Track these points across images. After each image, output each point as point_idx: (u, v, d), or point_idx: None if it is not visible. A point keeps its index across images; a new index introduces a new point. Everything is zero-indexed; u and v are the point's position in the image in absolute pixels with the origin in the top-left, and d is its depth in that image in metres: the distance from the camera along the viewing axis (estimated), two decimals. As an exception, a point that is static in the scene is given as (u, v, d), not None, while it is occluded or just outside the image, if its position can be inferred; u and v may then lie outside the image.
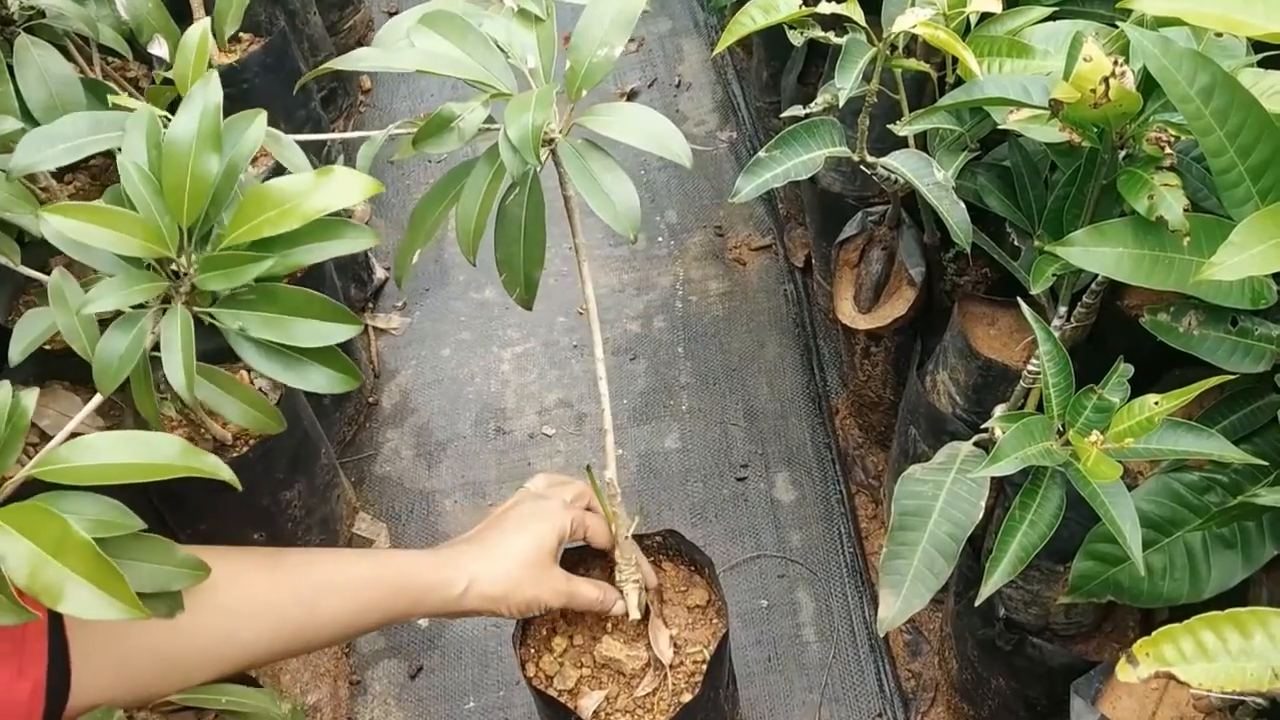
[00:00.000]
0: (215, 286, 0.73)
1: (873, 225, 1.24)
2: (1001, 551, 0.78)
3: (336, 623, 0.82)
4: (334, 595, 0.81)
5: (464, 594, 0.86)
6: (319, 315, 0.78)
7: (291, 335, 0.77)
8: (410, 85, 2.21)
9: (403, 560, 0.88)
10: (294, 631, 0.79)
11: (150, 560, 0.67)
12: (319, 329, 0.78)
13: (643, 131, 0.74)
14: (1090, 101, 0.74)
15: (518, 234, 0.78)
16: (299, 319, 0.78)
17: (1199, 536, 0.86)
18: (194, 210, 0.73)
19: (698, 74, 2.15)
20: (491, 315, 1.76)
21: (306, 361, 0.79)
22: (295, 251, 0.76)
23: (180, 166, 0.73)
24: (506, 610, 0.90)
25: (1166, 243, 0.79)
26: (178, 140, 0.73)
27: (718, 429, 1.57)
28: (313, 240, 0.77)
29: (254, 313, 0.77)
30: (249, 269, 0.72)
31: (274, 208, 0.73)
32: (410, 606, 0.86)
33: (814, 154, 0.96)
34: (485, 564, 0.88)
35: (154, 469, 0.66)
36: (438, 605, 0.87)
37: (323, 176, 0.74)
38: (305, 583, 0.80)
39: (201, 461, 0.67)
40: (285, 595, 0.78)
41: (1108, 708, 0.88)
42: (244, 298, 0.76)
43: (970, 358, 1.09)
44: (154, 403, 0.82)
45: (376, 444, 1.62)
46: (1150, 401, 0.70)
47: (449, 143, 0.75)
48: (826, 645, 1.34)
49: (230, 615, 0.75)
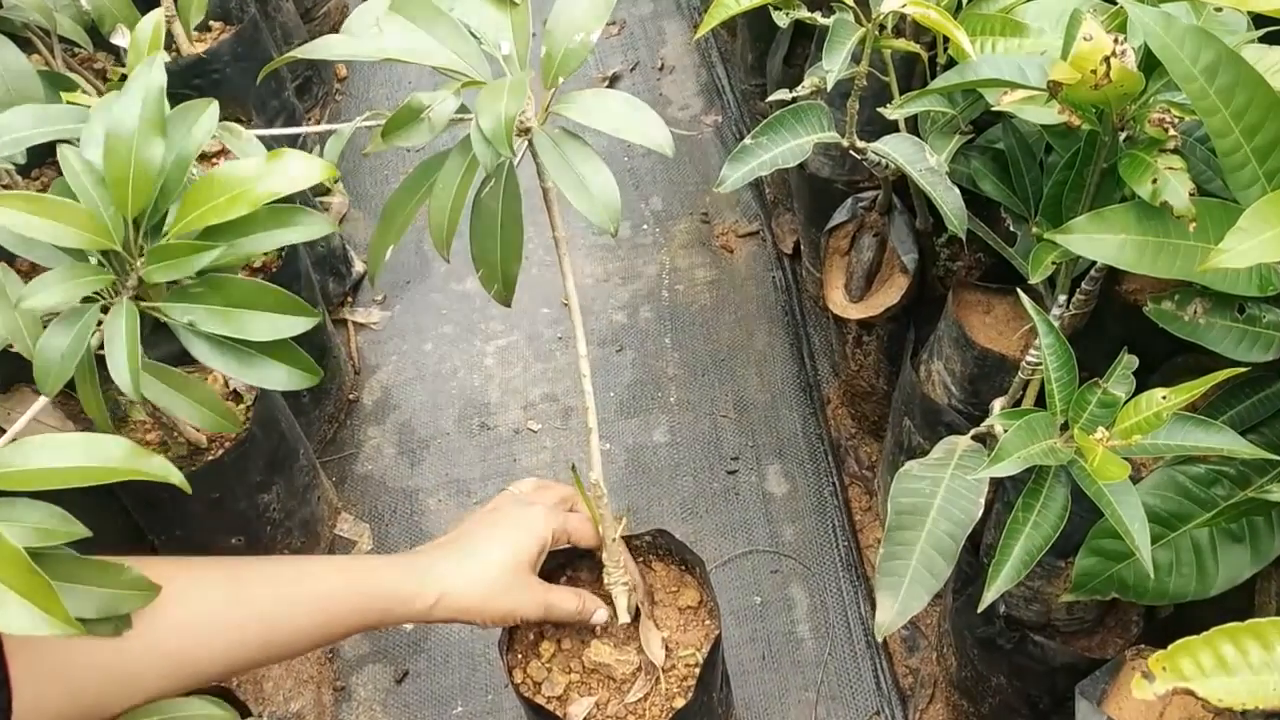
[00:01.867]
0: (161, 278, 0.69)
1: (863, 211, 1.20)
2: (1005, 555, 0.75)
3: (300, 637, 0.78)
4: (298, 609, 0.77)
5: (435, 605, 0.82)
6: (272, 307, 0.75)
7: (243, 329, 0.73)
8: (387, 72, 2.17)
9: (371, 570, 0.84)
10: (255, 648, 0.75)
11: (97, 583, 0.63)
12: (272, 322, 0.74)
13: (622, 120, 0.71)
14: (1091, 82, 0.71)
15: (494, 228, 0.74)
16: (251, 311, 0.74)
17: (1206, 531, 0.83)
18: (140, 200, 0.69)
19: (681, 57, 2.11)
20: (473, 307, 1.72)
21: (261, 357, 0.76)
22: (246, 240, 0.72)
23: (123, 155, 0.69)
24: (481, 620, 0.86)
25: (1171, 228, 0.76)
26: (119, 128, 0.69)
27: (707, 421, 1.54)
28: (265, 228, 0.73)
29: (203, 306, 0.73)
30: (195, 259, 0.68)
31: (222, 194, 0.69)
32: (379, 618, 0.82)
33: (802, 140, 0.93)
34: (459, 574, 0.84)
35: (98, 472, 0.62)
36: (408, 616, 0.83)
37: (273, 160, 0.70)
38: (266, 597, 0.76)
39: (147, 464, 0.63)
40: (244, 612, 0.74)
41: (1114, 709, 0.85)
42: (193, 290, 0.73)
43: (966, 347, 1.06)
44: (101, 404, 0.78)
45: (358, 442, 1.58)
46: (1158, 396, 0.67)
47: (419, 135, 0.72)
48: (822, 642, 1.31)
49: (184, 634, 0.71)
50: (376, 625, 0.83)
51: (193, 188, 0.71)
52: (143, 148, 0.69)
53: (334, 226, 0.74)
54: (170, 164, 0.72)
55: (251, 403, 1.25)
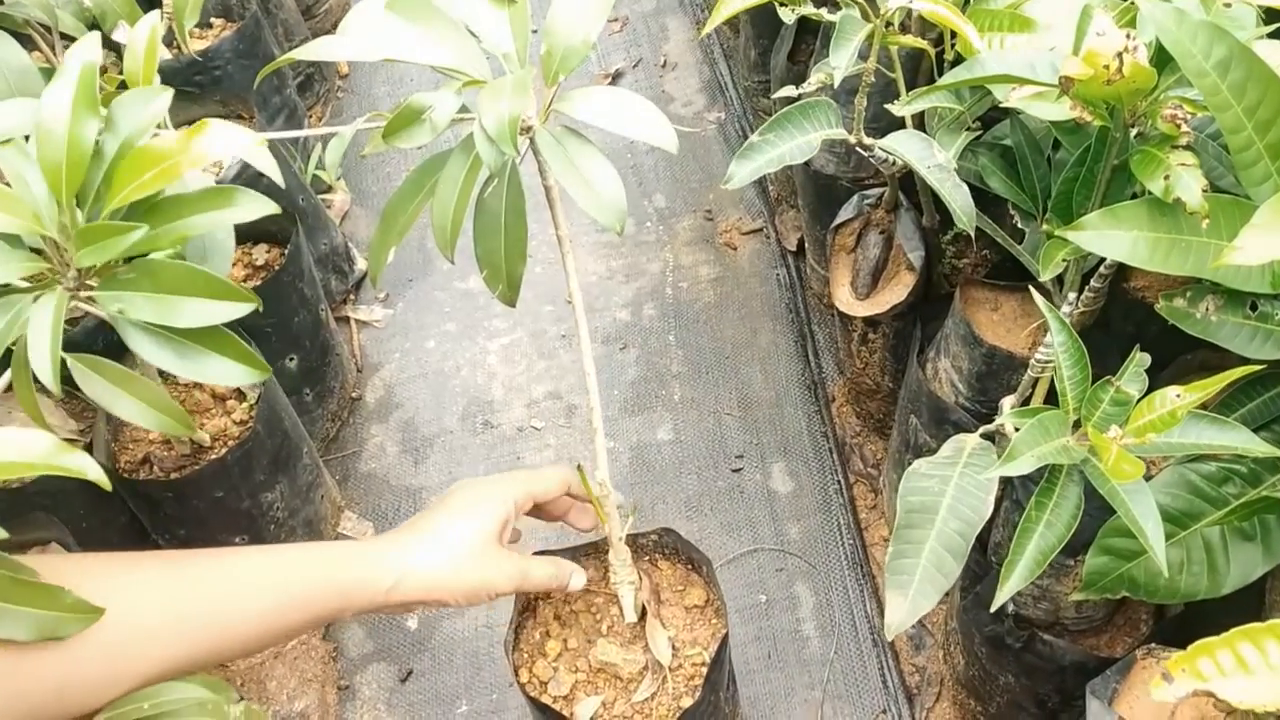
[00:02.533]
0: (91, 261, 0.67)
1: (869, 208, 1.20)
2: (1018, 554, 0.74)
3: (252, 634, 0.75)
4: (247, 606, 0.75)
5: (395, 587, 0.80)
6: (203, 293, 0.71)
7: (173, 315, 0.70)
8: (390, 70, 2.16)
9: (326, 558, 0.81)
10: (206, 649, 0.73)
11: (35, 604, 0.61)
12: (204, 308, 0.71)
13: (625, 117, 0.70)
14: (1103, 78, 0.70)
15: (497, 228, 0.74)
16: (180, 297, 0.71)
17: (1217, 530, 0.82)
18: (74, 183, 0.68)
19: (684, 53, 2.11)
20: (476, 305, 1.71)
21: (199, 349, 0.73)
22: (182, 222, 0.70)
23: (56, 138, 0.67)
24: (452, 599, 0.83)
25: (1183, 225, 0.75)
26: (51, 110, 0.67)
27: (711, 419, 1.53)
28: (201, 209, 0.71)
29: (134, 292, 0.70)
30: (121, 239, 0.66)
31: (148, 170, 0.67)
32: (339, 605, 0.79)
33: (809, 136, 0.92)
34: (419, 553, 0.82)
35: (17, 466, 0.60)
36: (368, 602, 0.80)
37: (196, 133, 0.68)
38: (217, 593, 0.73)
39: (68, 460, 0.61)
40: (193, 610, 0.72)
41: (1125, 708, 0.85)
42: (124, 277, 0.70)
43: (973, 345, 1.05)
44: (34, 398, 0.76)
45: (361, 440, 1.57)
46: (1172, 394, 0.67)
47: (420, 135, 0.71)
48: (828, 640, 1.30)
49: (131, 640, 0.69)
50: (336, 615, 0.81)
51: (120, 167, 0.69)
52: (76, 129, 0.67)
53: (275, 207, 0.72)
54: (113, 149, 0.70)
55: (255, 401, 1.25)
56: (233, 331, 0.74)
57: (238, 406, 1.26)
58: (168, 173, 0.67)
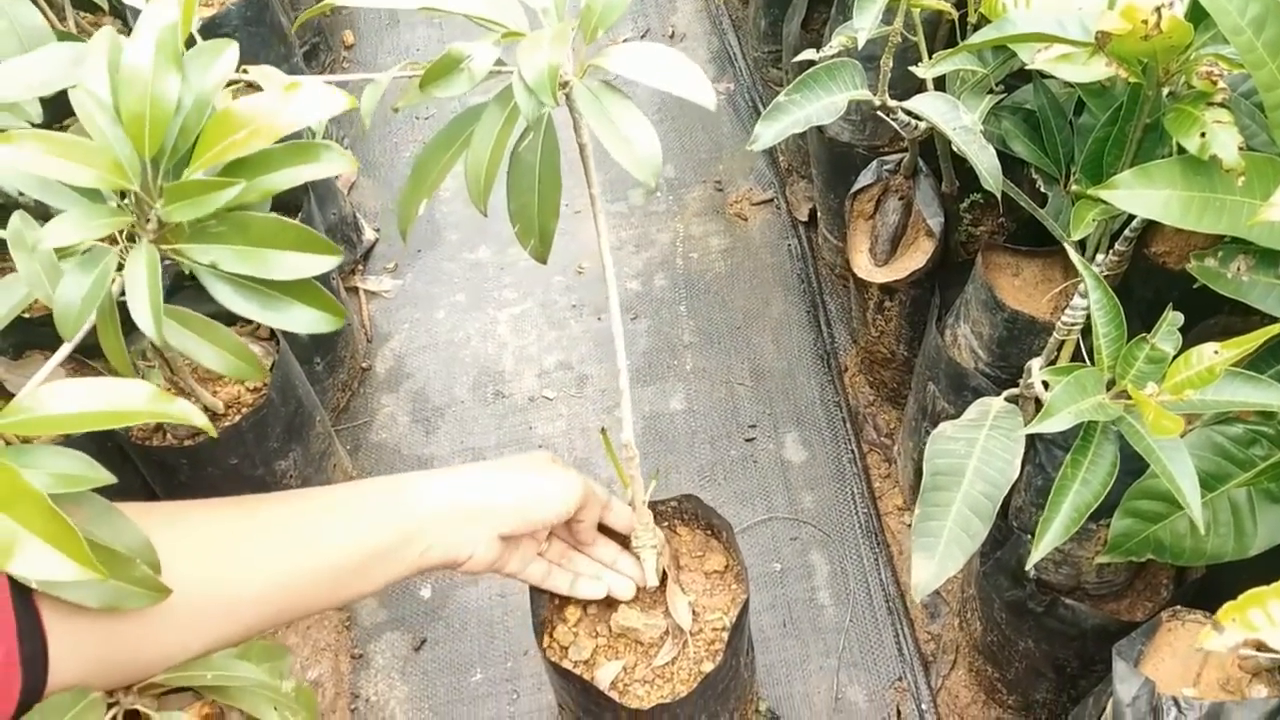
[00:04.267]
0: (181, 217, 0.66)
1: (888, 174, 1.19)
2: (1053, 512, 0.74)
3: (333, 596, 0.76)
4: (330, 564, 0.75)
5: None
6: (294, 245, 0.72)
7: (267, 268, 0.71)
8: (395, 40, 2.15)
9: (408, 496, 0.81)
10: (279, 612, 0.73)
11: (104, 573, 0.61)
12: (296, 261, 0.71)
13: (664, 72, 0.69)
14: (1141, 33, 0.70)
15: (532, 182, 0.73)
16: (274, 250, 0.71)
17: (1244, 491, 0.82)
18: (156, 138, 0.67)
19: (692, 24, 2.09)
20: (486, 276, 1.71)
21: (286, 299, 0.73)
22: (268, 177, 0.70)
23: (139, 91, 0.67)
24: (538, 518, 0.87)
25: (1217, 183, 0.75)
26: (134, 63, 0.67)
27: (724, 389, 1.53)
28: (286, 164, 0.70)
29: (225, 246, 0.70)
30: (216, 196, 0.66)
31: (242, 128, 0.67)
32: (422, 555, 0.80)
33: (836, 97, 0.91)
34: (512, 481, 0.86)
35: (120, 416, 0.60)
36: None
37: (291, 91, 0.68)
38: (297, 556, 0.73)
39: (170, 406, 0.61)
40: (272, 576, 0.72)
41: (1151, 670, 0.85)
42: (213, 230, 0.70)
43: (995, 310, 1.05)
44: (123, 350, 0.76)
45: (372, 410, 1.57)
46: (1209, 351, 0.66)
47: (459, 85, 0.70)
48: (843, 609, 1.30)
49: (204, 607, 0.69)
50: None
51: (210, 124, 0.68)
52: (158, 83, 0.67)
53: (355, 163, 0.72)
54: (190, 103, 0.70)
55: (269, 368, 1.24)
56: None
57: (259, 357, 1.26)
58: (261, 133, 0.67)
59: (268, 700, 0.78)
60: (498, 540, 0.84)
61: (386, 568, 0.78)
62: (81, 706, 0.64)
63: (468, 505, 0.82)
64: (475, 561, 0.83)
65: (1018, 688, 1.14)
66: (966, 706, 1.20)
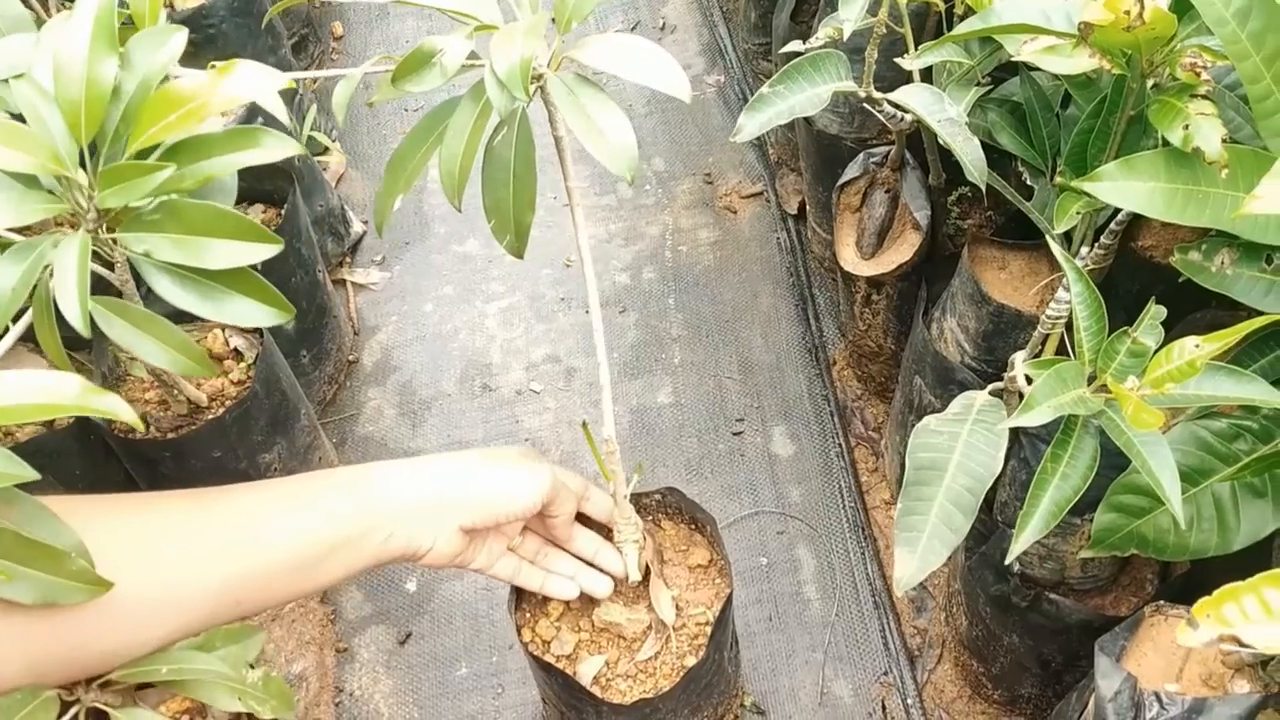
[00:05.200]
0: (114, 202, 0.65)
1: (875, 167, 1.18)
2: (1033, 506, 0.73)
3: (287, 590, 0.75)
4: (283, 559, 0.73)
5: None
6: (232, 234, 0.70)
7: (201, 257, 0.69)
8: (384, 31, 2.14)
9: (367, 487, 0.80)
10: (232, 607, 0.72)
11: (39, 568, 0.59)
12: (232, 249, 0.70)
13: (638, 63, 0.69)
14: (1124, 24, 0.69)
15: (506, 177, 0.72)
16: (210, 239, 0.70)
17: (1227, 486, 0.82)
18: (94, 123, 0.66)
19: (682, 16, 2.08)
20: (474, 269, 1.70)
21: (225, 290, 0.72)
22: (206, 163, 0.69)
23: (75, 75, 0.65)
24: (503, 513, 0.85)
25: (1201, 176, 0.74)
26: (70, 47, 0.66)
27: (711, 382, 1.53)
28: (225, 150, 0.69)
29: (160, 234, 0.68)
30: (147, 180, 0.64)
31: (173, 110, 0.66)
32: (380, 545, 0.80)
33: (820, 89, 0.91)
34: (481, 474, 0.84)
35: (50, 408, 0.58)
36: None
37: (223, 73, 0.67)
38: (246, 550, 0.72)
39: (100, 400, 0.59)
40: (219, 569, 0.70)
41: (1133, 665, 0.84)
42: (149, 218, 0.69)
43: (981, 303, 1.05)
44: (58, 342, 0.74)
45: (358, 404, 1.56)
46: (1190, 344, 0.66)
47: (430, 79, 0.70)
48: (829, 603, 1.30)
49: (149, 607, 0.67)
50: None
51: (145, 107, 0.67)
52: (94, 68, 0.66)
53: (301, 148, 0.71)
54: (132, 88, 0.69)
55: (253, 361, 1.24)
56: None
57: (235, 366, 1.25)
58: (195, 113, 0.65)
59: (230, 691, 0.77)
60: (459, 533, 0.83)
61: (345, 559, 0.77)
62: (33, 706, 0.63)
63: (427, 497, 0.81)
64: (436, 554, 0.82)
65: (1003, 682, 1.13)
66: (952, 701, 1.20)
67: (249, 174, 1.37)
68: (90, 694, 0.71)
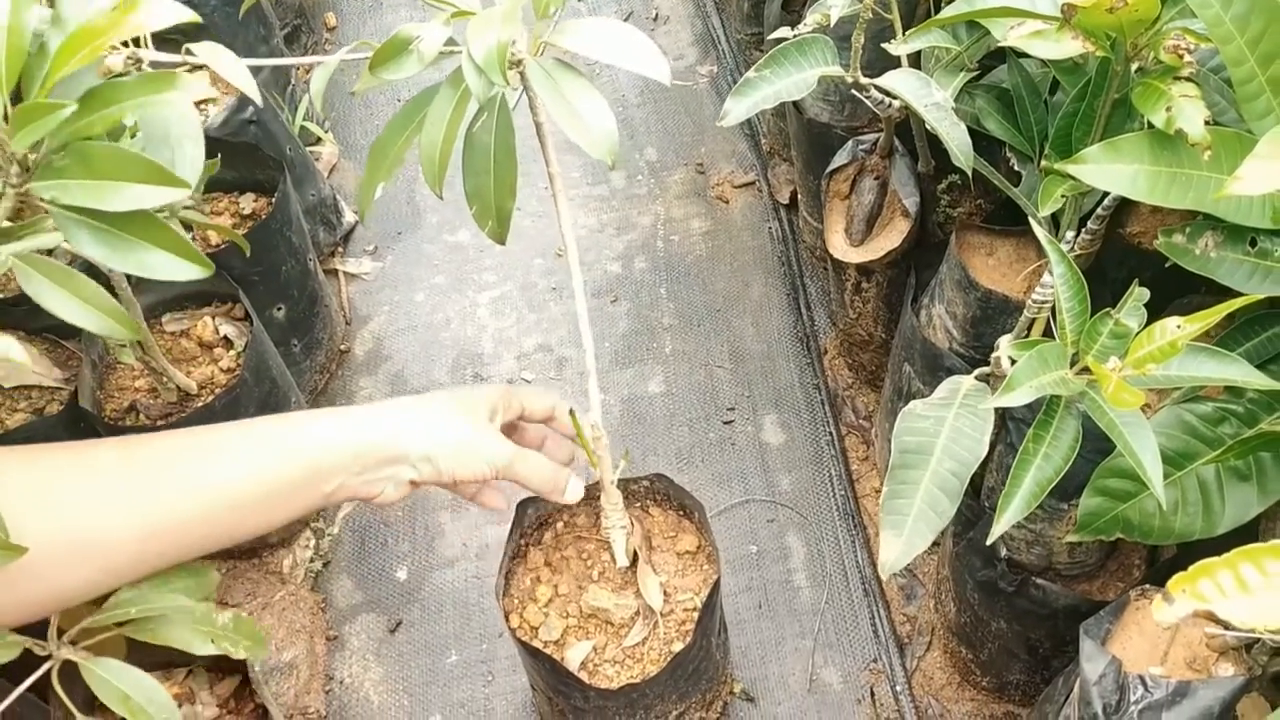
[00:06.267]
0: (22, 144, 0.65)
1: (864, 154, 1.18)
2: (1014, 487, 0.73)
3: (224, 533, 0.74)
4: (219, 506, 0.72)
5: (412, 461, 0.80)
6: (138, 177, 0.68)
7: (104, 199, 0.67)
8: (377, 22, 2.13)
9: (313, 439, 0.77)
10: (161, 554, 0.71)
11: None
12: (136, 191, 0.69)
13: (617, 47, 0.69)
14: (1106, 5, 0.69)
15: (487, 163, 0.72)
16: (115, 182, 0.69)
17: (1212, 469, 0.82)
18: (13, 74, 0.65)
19: (675, 6, 2.08)
20: (466, 258, 1.70)
21: (133, 240, 0.70)
22: (118, 107, 0.68)
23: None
24: (451, 473, 0.82)
25: (1184, 158, 0.74)
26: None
27: (703, 371, 1.53)
28: (140, 94, 0.69)
29: (69, 180, 0.67)
30: (50, 118, 0.64)
31: (84, 46, 0.65)
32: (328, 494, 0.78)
33: (806, 73, 0.91)
34: (418, 429, 0.81)
35: None
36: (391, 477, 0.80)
37: (130, 8, 0.66)
38: (174, 496, 0.70)
39: None
40: (148, 517, 0.69)
41: (1118, 648, 0.85)
42: (58, 164, 0.68)
43: (969, 289, 1.05)
44: None
45: (350, 393, 1.56)
46: (1172, 325, 0.66)
47: (408, 66, 0.70)
48: (819, 591, 1.30)
49: (54, 562, 0.66)
50: (324, 503, 0.79)
51: (58, 50, 0.67)
52: (17, 15, 0.65)
53: (214, 90, 0.70)
54: (60, 42, 0.68)
55: (242, 349, 1.24)
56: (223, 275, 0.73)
57: (225, 354, 1.25)
58: (99, 47, 0.65)
59: (203, 635, 0.77)
60: (408, 484, 0.82)
61: (291, 504, 0.76)
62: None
63: (375, 449, 0.80)
64: (386, 498, 0.82)
65: (991, 669, 1.13)
66: (941, 688, 1.20)
67: (240, 164, 1.38)
68: (64, 650, 0.71)
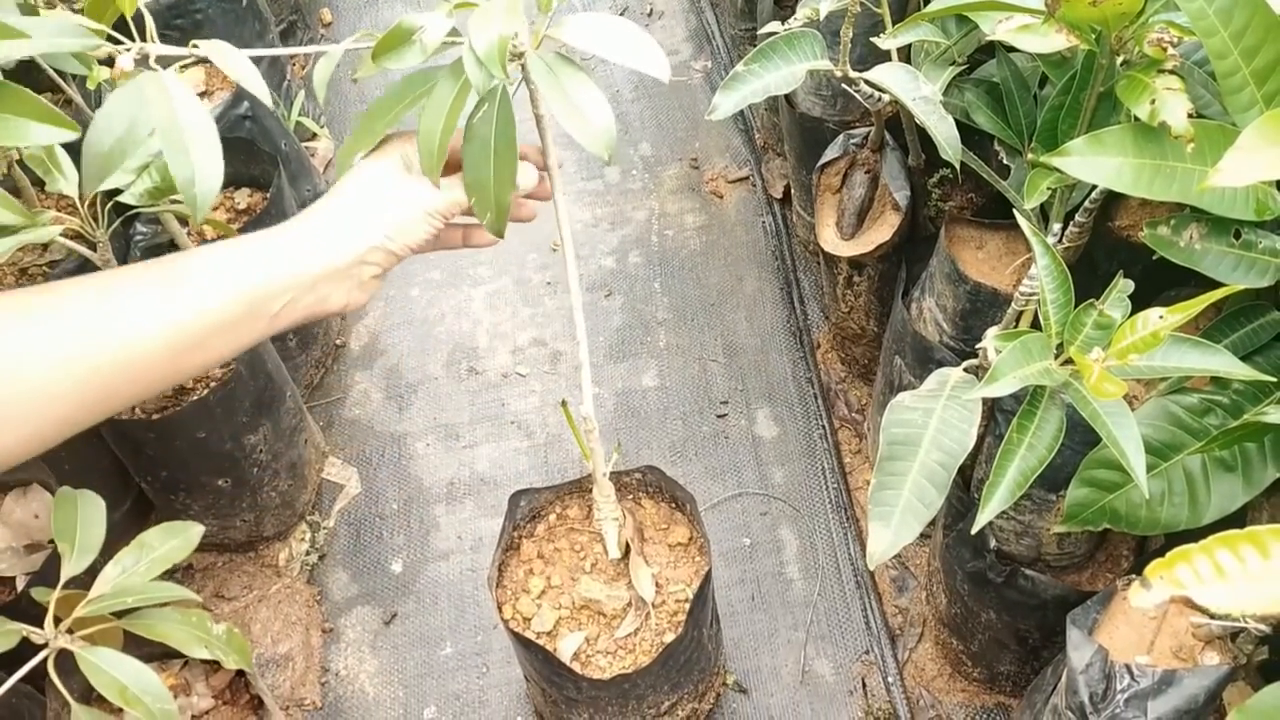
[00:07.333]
0: None
1: (855, 148, 1.19)
2: (999, 476, 0.74)
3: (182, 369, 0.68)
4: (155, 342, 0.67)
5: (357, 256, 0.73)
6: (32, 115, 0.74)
7: None
8: (373, 17, 2.14)
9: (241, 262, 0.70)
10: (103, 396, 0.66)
11: None
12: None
13: (618, 43, 0.69)
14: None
15: (487, 155, 0.72)
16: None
17: (1198, 460, 0.83)
18: None
19: (670, 2, 2.09)
20: (461, 253, 1.69)
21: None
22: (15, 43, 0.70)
23: None
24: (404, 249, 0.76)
25: (1168, 151, 0.75)
26: None
27: (696, 365, 1.53)
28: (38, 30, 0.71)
29: None
30: None
31: None
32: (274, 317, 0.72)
33: (795, 67, 0.91)
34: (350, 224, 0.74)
35: None
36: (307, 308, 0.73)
37: None
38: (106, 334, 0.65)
39: None
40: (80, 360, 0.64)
41: (1105, 638, 0.85)
42: None
43: (959, 282, 1.05)
44: None
45: (345, 387, 1.57)
46: (1155, 316, 0.67)
47: (410, 57, 0.70)
48: (811, 583, 1.31)
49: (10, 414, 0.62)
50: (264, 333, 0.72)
51: None
52: None
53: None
54: None
55: (237, 343, 1.24)
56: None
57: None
58: None
59: (199, 640, 0.79)
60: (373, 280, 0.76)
61: (232, 339, 0.71)
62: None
63: (318, 267, 0.73)
64: (351, 306, 0.75)
65: (982, 660, 1.14)
66: (933, 679, 1.21)
67: (235, 159, 1.39)
68: (61, 638, 0.72)
